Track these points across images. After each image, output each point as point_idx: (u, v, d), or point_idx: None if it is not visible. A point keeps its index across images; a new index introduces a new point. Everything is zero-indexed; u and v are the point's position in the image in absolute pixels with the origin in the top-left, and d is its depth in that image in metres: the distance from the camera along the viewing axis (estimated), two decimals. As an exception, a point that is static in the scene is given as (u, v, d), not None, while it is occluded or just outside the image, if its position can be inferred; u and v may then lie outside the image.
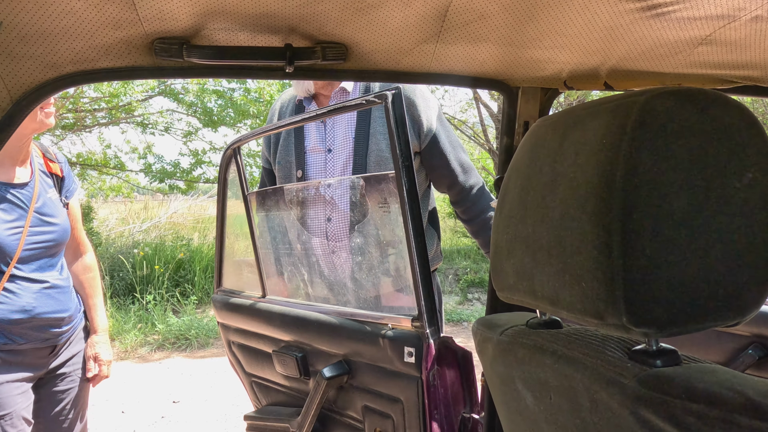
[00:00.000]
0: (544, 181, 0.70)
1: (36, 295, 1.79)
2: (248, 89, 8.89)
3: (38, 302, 1.79)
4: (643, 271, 0.56)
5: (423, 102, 1.95)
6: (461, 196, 2.05)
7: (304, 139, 2.01)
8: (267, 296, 1.85)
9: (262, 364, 1.84)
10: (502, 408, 0.93)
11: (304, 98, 2.04)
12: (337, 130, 1.97)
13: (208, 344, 5.78)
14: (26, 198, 1.81)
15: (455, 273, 8.26)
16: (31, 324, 1.78)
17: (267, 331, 1.77)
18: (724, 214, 0.56)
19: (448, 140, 2.00)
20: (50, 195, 1.88)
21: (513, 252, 0.76)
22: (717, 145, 0.57)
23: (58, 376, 1.92)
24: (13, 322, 1.74)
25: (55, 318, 1.84)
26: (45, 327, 1.82)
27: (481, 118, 9.95)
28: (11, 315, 1.74)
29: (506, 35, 1.06)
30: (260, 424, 1.79)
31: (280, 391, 1.81)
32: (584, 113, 0.68)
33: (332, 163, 1.97)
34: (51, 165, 1.95)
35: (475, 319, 0.99)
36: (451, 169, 1.99)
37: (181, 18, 0.92)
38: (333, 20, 0.97)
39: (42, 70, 0.96)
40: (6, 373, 1.74)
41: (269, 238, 2.00)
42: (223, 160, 1.98)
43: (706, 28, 1.02)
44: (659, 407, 0.57)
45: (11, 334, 1.75)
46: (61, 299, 1.87)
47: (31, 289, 1.79)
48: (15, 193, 1.78)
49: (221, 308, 1.98)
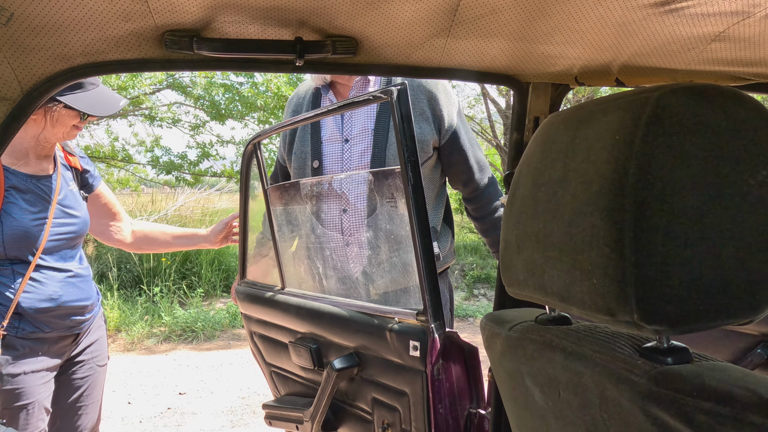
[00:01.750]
0: (556, 177, 0.70)
1: (61, 284, 1.83)
2: (255, 83, 8.89)
3: (64, 290, 1.84)
4: (655, 268, 0.56)
5: (445, 97, 1.95)
6: (475, 194, 2.05)
7: (321, 129, 2.01)
8: (286, 288, 1.88)
9: (280, 354, 1.87)
10: (509, 404, 0.93)
11: (321, 86, 2.04)
12: (355, 121, 1.96)
13: (215, 337, 5.81)
14: (49, 190, 1.84)
15: (461, 269, 8.26)
16: (58, 312, 1.82)
17: (285, 323, 1.80)
18: (737, 211, 0.56)
19: (467, 137, 2.00)
20: (71, 188, 1.92)
21: (523, 248, 0.76)
22: (731, 142, 0.57)
23: (76, 363, 1.96)
24: (41, 310, 1.78)
25: (79, 306, 1.88)
26: (69, 315, 1.86)
27: (489, 114, 9.92)
28: (39, 303, 1.77)
29: (517, 30, 1.05)
30: (276, 413, 1.82)
31: (297, 381, 1.84)
32: (596, 109, 0.67)
33: (349, 153, 1.96)
34: (70, 159, 1.98)
35: (482, 315, 0.99)
36: (469, 166, 1.99)
37: (192, 10, 0.92)
38: (343, 14, 0.96)
39: (53, 61, 0.97)
40: (32, 362, 1.77)
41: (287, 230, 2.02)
42: (245, 154, 2.00)
43: (720, 24, 1.01)
44: (670, 405, 0.56)
45: (39, 322, 1.79)
46: (83, 288, 1.91)
47: (56, 278, 1.83)
48: (39, 185, 1.81)
49: (243, 299, 2.02)
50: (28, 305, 1.75)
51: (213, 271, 7.13)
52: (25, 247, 1.76)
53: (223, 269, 7.34)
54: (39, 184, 1.82)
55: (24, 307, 1.74)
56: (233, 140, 9.69)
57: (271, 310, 1.86)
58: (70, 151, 2.00)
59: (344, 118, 1.98)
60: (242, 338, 5.81)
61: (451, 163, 1.99)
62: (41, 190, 1.81)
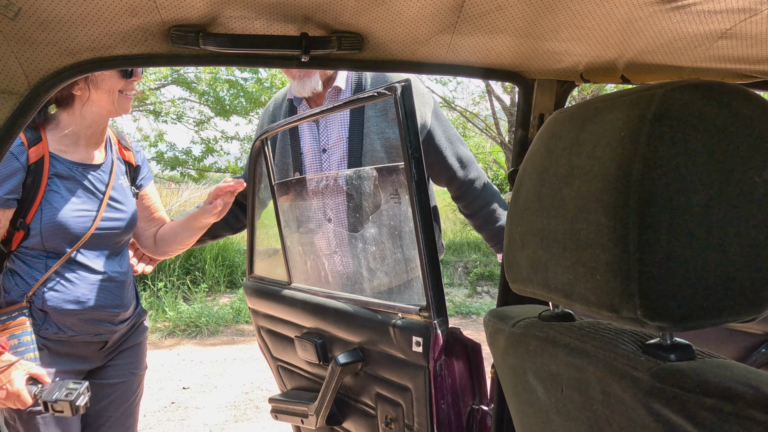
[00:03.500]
0: (561, 174, 0.70)
1: (92, 287, 1.71)
2: (260, 79, 8.90)
3: (93, 294, 1.72)
4: (659, 265, 0.56)
5: (417, 98, 1.94)
6: (462, 191, 2.04)
7: (300, 140, 2.01)
8: (292, 283, 1.89)
9: (287, 349, 1.89)
10: (512, 400, 0.93)
11: (294, 98, 2.02)
12: (331, 130, 1.97)
13: (218, 332, 5.83)
14: (100, 181, 1.75)
15: (464, 266, 8.25)
16: (84, 316, 1.70)
17: (291, 317, 1.81)
18: (742, 208, 0.56)
19: (445, 135, 1.98)
20: (122, 182, 1.82)
21: (527, 244, 0.76)
22: (737, 139, 0.57)
23: (107, 368, 1.83)
24: (65, 312, 1.67)
25: (110, 313, 1.75)
26: (98, 321, 1.73)
27: (494, 111, 9.91)
28: (64, 305, 1.67)
29: (523, 27, 1.05)
30: (282, 406, 1.83)
31: (303, 376, 1.85)
32: (602, 105, 0.67)
33: (327, 162, 1.97)
34: (125, 152, 1.89)
35: (485, 312, 0.99)
36: (448, 165, 1.98)
37: (198, 6, 0.92)
38: (349, 10, 0.96)
39: (60, 56, 0.97)
40: (54, 364, 1.67)
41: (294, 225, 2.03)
42: (253, 151, 2.01)
43: (727, 21, 1.01)
44: (672, 401, 0.56)
45: (63, 324, 1.68)
46: (117, 294, 1.77)
47: (89, 280, 1.71)
48: (89, 175, 1.73)
49: (251, 294, 2.03)
50: (53, 304, 1.66)
51: (217, 266, 7.15)
52: (64, 239, 1.66)
53: (227, 264, 7.36)
54: (85, 173, 1.71)
55: (50, 306, 1.65)
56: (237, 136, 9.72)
57: (277, 305, 1.87)
58: (126, 144, 1.90)
59: (320, 128, 1.98)
60: (246, 334, 5.83)
61: (428, 163, 1.98)
62: (87, 179, 1.71)
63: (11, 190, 1.60)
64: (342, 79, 1.97)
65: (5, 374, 1.51)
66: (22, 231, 1.65)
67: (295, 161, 2.01)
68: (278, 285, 1.92)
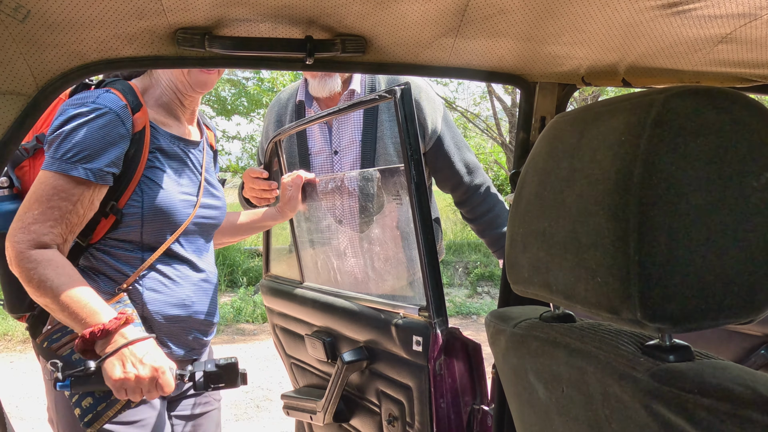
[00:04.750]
0: (562, 177, 0.71)
1: (195, 288, 1.42)
2: (261, 79, 8.91)
3: (197, 297, 1.41)
4: (658, 267, 0.57)
5: (429, 104, 1.97)
6: (466, 196, 2.06)
7: (308, 141, 2.02)
8: (304, 282, 1.92)
9: (299, 347, 1.92)
10: (513, 400, 0.94)
11: (306, 99, 2.02)
12: (344, 132, 1.98)
13: (219, 331, 5.84)
14: (198, 161, 1.46)
15: (465, 266, 8.27)
16: (187, 324, 1.40)
17: (303, 316, 1.84)
18: (740, 212, 0.57)
19: (453, 141, 2.01)
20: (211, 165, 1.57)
21: (528, 246, 0.77)
22: (736, 145, 0.58)
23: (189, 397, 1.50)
24: (171, 318, 1.35)
25: (207, 322, 1.46)
26: (195, 331, 1.43)
27: (495, 112, 9.92)
28: (169, 309, 1.35)
29: (525, 30, 1.06)
30: (293, 403, 1.87)
31: (314, 373, 1.88)
32: (603, 110, 0.68)
33: (339, 165, 1.98)
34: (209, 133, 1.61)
35: (486, 313, 1.01)
36: (455, 170, 2.01)
37: (204, 8, 0.93)
38: (353, 13, 0.98)
39: (67, 58, 0.98)
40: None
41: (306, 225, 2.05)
42: (268, 150, 2.03)
43: (727, 26, 1.02)
44: (671, 401, 0.57)
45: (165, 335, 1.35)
46: (214, 299, 1.49)
47: (191, 279, 1.41)
48: (187, 152, 1.43)
49: (267, 293, 2.07)
50: (155, 309, 1.33)
51: (217, 266, 7.15)
52: (167, 227, 1.35)
53: (227, 264, 7.37)
54: (186, 150, 1.42)
55: (151, 311, 1.32)
56: (239, 136, 9.72)
57: (290, 303, 1.90)
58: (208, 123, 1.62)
59: (332, 130, 1.99)
60: (246, 333, 5.83)
61: (436, 168, 2.01)
62: (188, 158, 1.42)
63: (112, 161, 1.25)
64: (357, 81, 1.98)
65: (141, 347, 1.17)
66: (112, 217, 1.31)
67: (302, 162, 2.02)
68: (291, 284, 1.95)
